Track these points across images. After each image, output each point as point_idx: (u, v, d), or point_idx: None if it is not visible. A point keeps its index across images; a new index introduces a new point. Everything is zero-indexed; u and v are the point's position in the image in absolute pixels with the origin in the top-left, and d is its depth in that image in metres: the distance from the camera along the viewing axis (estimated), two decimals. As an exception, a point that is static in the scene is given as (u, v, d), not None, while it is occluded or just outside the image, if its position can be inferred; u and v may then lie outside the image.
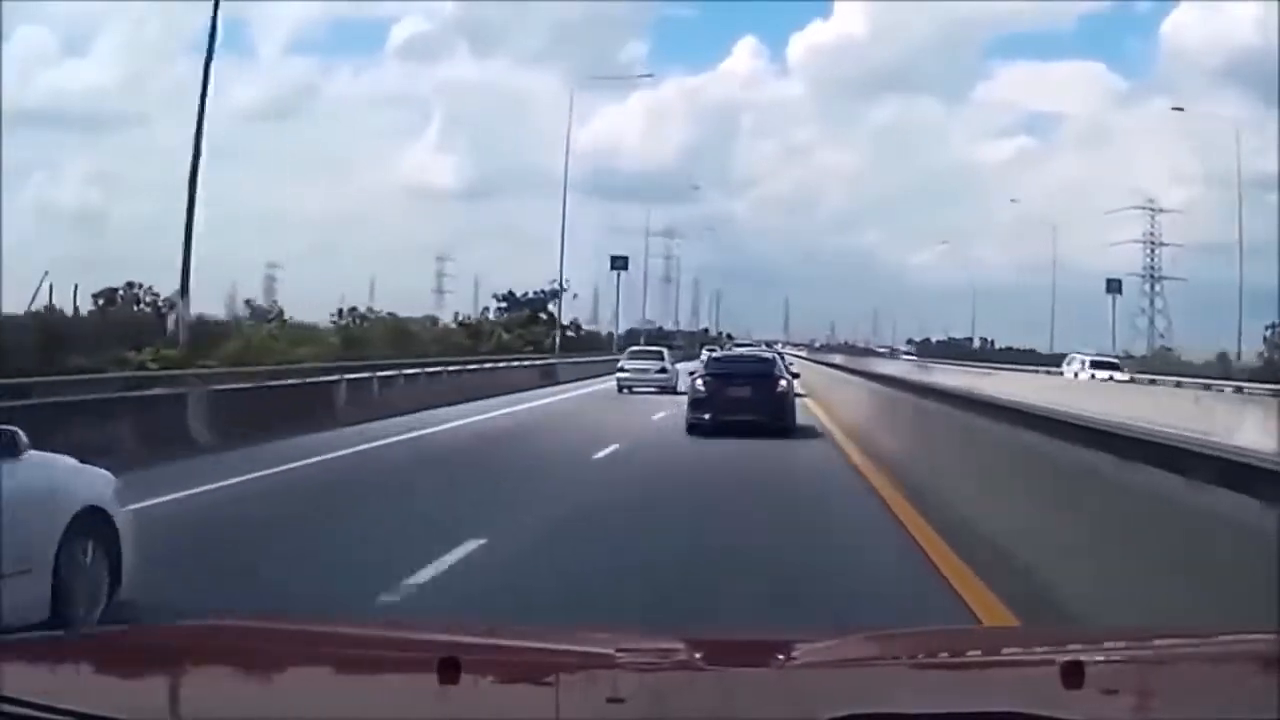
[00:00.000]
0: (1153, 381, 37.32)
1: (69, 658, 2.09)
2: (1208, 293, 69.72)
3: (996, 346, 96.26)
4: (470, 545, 8.38)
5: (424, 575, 7.47)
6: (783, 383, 19.81)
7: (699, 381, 19.74)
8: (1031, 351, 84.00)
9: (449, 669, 1.92)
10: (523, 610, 6.35)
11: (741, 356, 27.47)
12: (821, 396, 27.79)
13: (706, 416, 18.60)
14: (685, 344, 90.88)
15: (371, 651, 2.38)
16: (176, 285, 27.63)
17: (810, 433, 19.22)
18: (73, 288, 42.41)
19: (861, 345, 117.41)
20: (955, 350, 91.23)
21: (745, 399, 18.88)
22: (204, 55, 27.87)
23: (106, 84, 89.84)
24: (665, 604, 6.79)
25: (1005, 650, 2.69)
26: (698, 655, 2.43)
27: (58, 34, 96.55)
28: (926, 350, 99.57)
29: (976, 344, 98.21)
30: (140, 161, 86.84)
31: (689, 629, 4.56)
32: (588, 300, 72.02)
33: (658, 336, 74.02)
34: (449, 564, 7.87)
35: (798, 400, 21.36)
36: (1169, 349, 71.89)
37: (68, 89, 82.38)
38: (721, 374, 20.02)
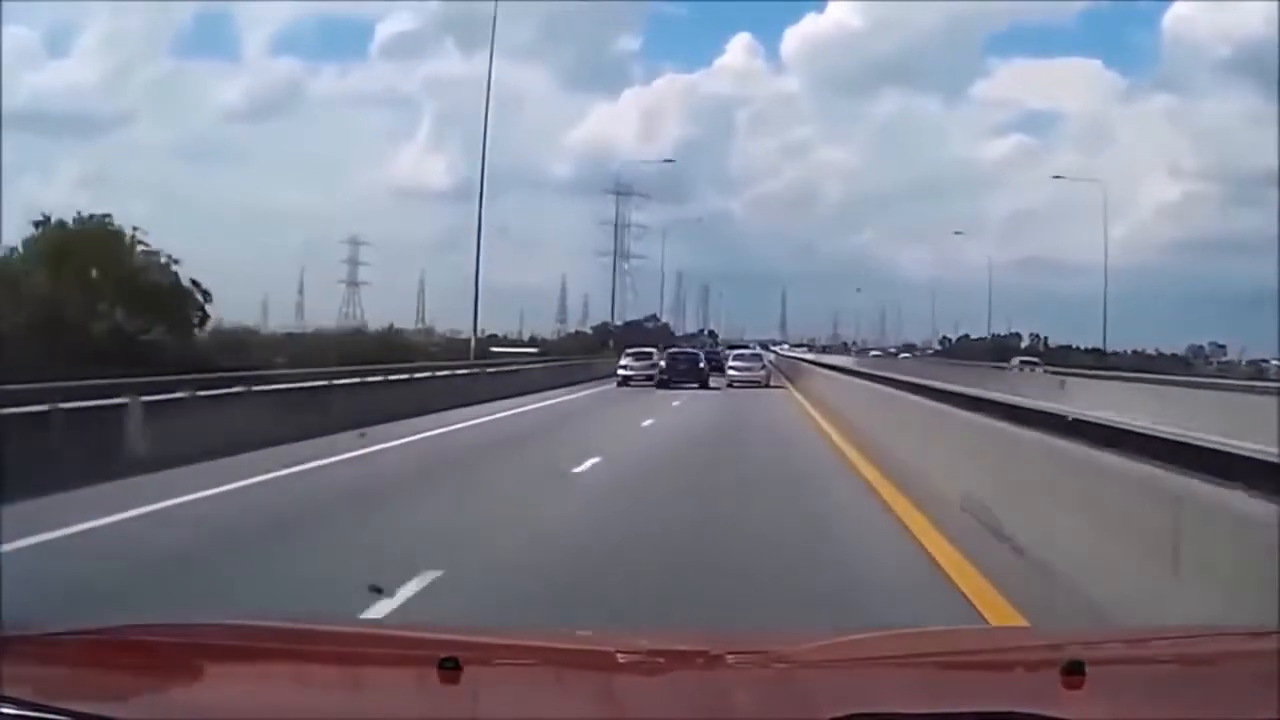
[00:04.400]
0: None
1: (65, 656, 2.10)
2: (1198, 288, 60.34)
3: (1050, 345, 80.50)
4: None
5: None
6: (701, 364, 41.48)
7: (663, 362, 41.48)
8: (1097, 351, 63.21)
9: (449, 669, 1.93)
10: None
11: (682, 350, 47.62)
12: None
13: (667, 378, 39.44)
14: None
15: (371, 651, 2.39)
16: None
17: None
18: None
19: (875, 348, 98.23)
20: (1006, 351, 71.84)
21: (685, 370, 40.54)
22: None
23: (88, 84, 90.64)
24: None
25: (1005, 650, 2.68)
26: (697, 655, 2.43)
27: (39, 33, 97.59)
28: (961, 350, 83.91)
29: (1026, 341, 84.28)
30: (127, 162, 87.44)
31: (688, 629, 4.55)
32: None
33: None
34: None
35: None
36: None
37: (50, 89, 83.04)
38: (674, 359, 42.22)
